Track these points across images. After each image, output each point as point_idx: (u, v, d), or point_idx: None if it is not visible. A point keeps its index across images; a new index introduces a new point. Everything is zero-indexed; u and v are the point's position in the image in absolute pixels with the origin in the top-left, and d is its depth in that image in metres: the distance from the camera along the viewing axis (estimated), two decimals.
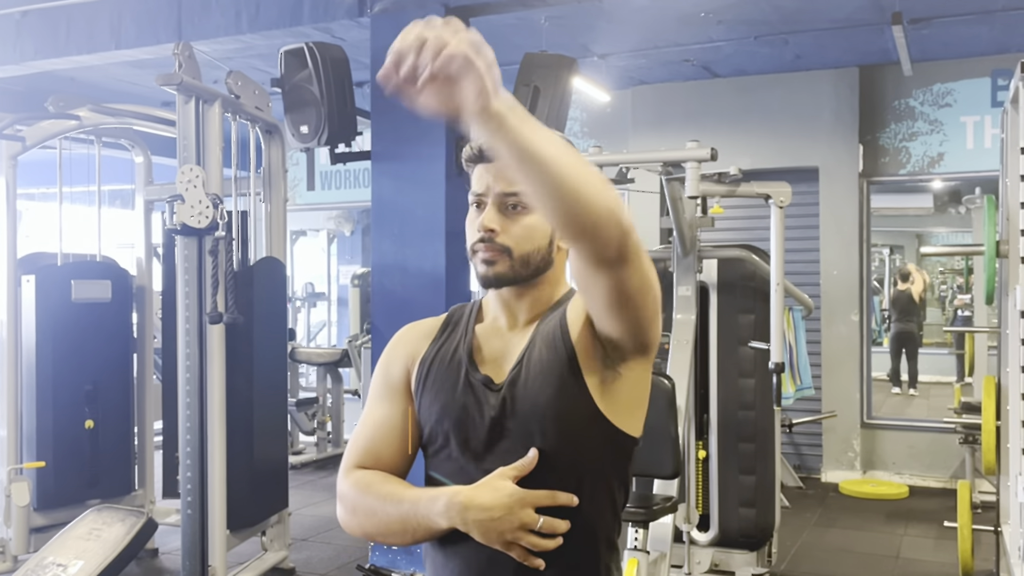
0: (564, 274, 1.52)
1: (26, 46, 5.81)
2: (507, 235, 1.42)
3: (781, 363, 4.33)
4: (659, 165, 4.30)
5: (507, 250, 1.42)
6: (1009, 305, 3.69)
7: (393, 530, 1.40)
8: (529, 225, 1.43)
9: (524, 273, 1.44)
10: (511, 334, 1.49)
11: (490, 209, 1.43)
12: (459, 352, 1.49)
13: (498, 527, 1.32)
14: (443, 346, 1.51)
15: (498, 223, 1.42)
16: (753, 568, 4.56)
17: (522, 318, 1.49)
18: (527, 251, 1.43)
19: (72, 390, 4.96)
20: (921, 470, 6.90)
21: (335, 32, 5.25)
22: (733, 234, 6.08)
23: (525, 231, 1.43)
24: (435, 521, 1.34)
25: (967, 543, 4.50)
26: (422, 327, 1.57)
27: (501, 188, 1.42)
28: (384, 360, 1.56)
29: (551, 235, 1.46)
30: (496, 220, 1.42)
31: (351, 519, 1.45)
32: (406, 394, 1.52)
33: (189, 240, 3.98)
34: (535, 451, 1.36)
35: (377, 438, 1.50)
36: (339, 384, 8.06)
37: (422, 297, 4.66)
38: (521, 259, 1.43)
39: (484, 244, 1.42)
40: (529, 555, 1.33)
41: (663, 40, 6.27)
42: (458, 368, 1.47)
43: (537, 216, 1.42)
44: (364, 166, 7.86)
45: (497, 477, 1.35)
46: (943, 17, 5.71)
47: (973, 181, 7.44)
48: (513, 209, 1.43)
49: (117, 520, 4.40)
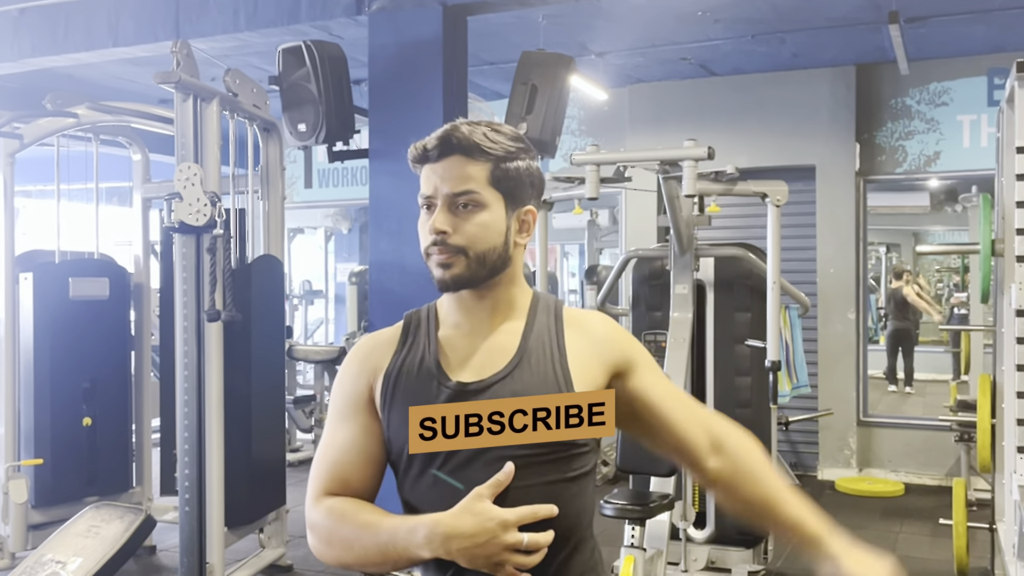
0: (521, 268, 1.49)
1: (24, 43, 5.80)
2: (460, 235, 1.39)
3: (777, 361, 4.35)
4: (656, 163, 4.31)
5: (462, 250, 1.39)
6: (1004, 303, 3.70)
7: (373, 561, 1.35)
8: (482, 223, 1.40)
9: (481, 273, 1.41)
10: (479, 338, 1.45)
11: (440, 210, 1.40)
12: (426, 360, 1.44)
13: (484, 552, 1.28)
14: (407, 357, 1.46)
15: (450, 224, 1.39)
16: (749, 565, 4.57)
17: (486, 322, 1.45)
18: (482, 250, 1.40)
19: (70, 387, 4.96)
20: (917, 468, 6.92)
21: (333, 30, 5.26)
22: (730, 232, 6.09)
23: (478, 229, 1.40)
24: (416, 552, 1.30)
25: (962, 540, 4.52)
26: (381, 338, 1.51)
27: (449, 188, 1.40)
28: (343, 377, 1.49)
29: (506, 231, 1.43)
30: (447, 221, 1.39)
31: (327, 550, 1.39)
32: (370, 411, 1.45)
33: (187, 238, 3.99)
34: (511, 465, 1.33)
35: (344, 462, 1.44)
36: None
37: (419, 295, 4.61)
38: (477, 258, 1.40)
39: (438, 247, 1.39)
40: (518, 574, 1.31)
41: (660, 38, 6.28)
42: (428, 378, 1.42)
43: (490, 212, 1.40)
44: (362, 164, 7.85)
45: (474, 499, 1.30)
46: (939, 16, 5.73)
47: (969, 180, 7.47)
48: (464, 208, 1.40)
49: (115, 517, 4.41)
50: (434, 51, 4.67)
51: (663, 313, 4.78)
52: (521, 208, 1.45)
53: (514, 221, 1.44)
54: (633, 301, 5.02)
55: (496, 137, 1.42)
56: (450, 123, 1.44)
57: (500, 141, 1.42)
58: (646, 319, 4.89)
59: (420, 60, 4.70)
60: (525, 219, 1.46)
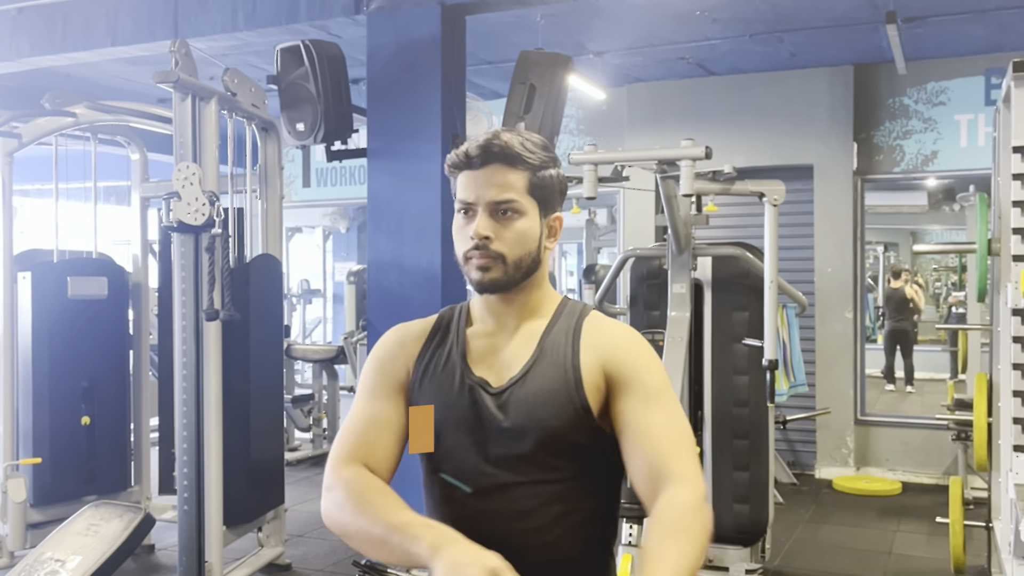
0: (547, 273, 1.55)
1: (22, 42, 5.80)
2: (501, 241, 1.45)
3: (775, 360, 4.36)
4: (654, 163, 4.32)
5: (501, 256, 1.45)
6: (1001, 303, 3.71)
7: (373, 542, 1.36)
8: (521, 230, 1.46)
9: (517, 277, 1.47)
10: (503, 338, 1.51)
11: (483, 216, 1.45)
12: (453, 356, 1.51)
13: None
14: (436, 350, 1.53)
15: (491, 230, 1.44)
16: (747, 564, 4.58)
17: (511, 322, 1.51)
18: (520, 255, 1.46)
19: (68, 387, 4.96)
20: (914, 466, 6.94)
21: (331, 29, 5.26)
22: (728, 231, 6.10)
23: (518, 236, 1.46)
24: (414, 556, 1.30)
25: (959, 539, 4.53)
26: (414, 328, 1.58)
27: (492, 196, 1.44)
28: (379, 356, 1.56)
29: (539, 237, 1.49)
30: (490, 227, 1.44)
31: (336, 514, 1.42)
32: (401, 393, 1.52)
33: (185, 237, 3.99)
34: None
35: (372, 432, 1.49)
36: (335, 381, 8.07)
37: (418, 294, 4.67)
38: (515, 264, 1.46)
39: (479, 251, 1.44)
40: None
41: (659, 38, 6.29)
42: (453, 371, 1.49)
43: (528, 220, 1.46)
44: (360, 163, 7.86)
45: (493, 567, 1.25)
46: (937, 16, 5.74)
47: (967, 179, 7.47)
48: (504, 215, 1.45)
49: (114, 516, 4.41)
50: (432, 50, 4.67)
51: (661, 312, 4.79)
52: (551, 215, 1.52)
53: (545, 227, 1.50)
54: (631, 300, 5.02)
55: (532, 147, 1.48)
56: (491, 131, 1.49)
57: (536, 151, 1.48)
58: (644, 318, 4.89)
59: (418, 59, 4.70)
60: (553, 225, 1.53)
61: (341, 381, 8.23)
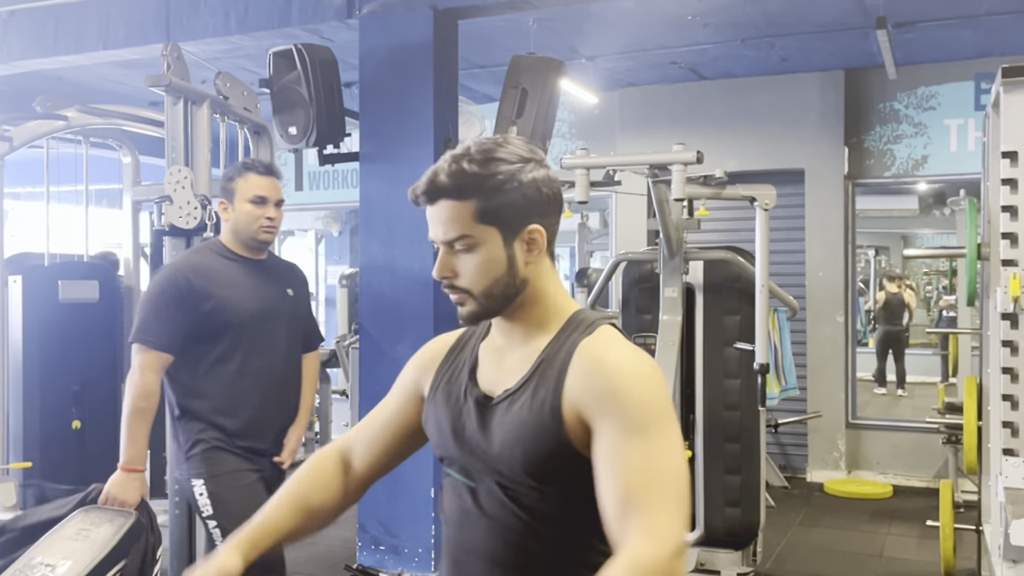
0: (549, 282, 1.48)
1: (13, 46, 5.79)
2: (462, 277, 1.43)
3: (766, 364, 4.37)
4: (646, 167, 4.33)
5: (468, 292, 1.43)
6: (990, 307, 3.73)
7: None
8: (479, 262, 1.41)
9: (493, 306, 1.44)
10: (508, 352, 1.49)
11: (442, 255, 1.44)
12: (464, 368, 1.53)
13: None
14: (454, 361, 1.56)
15: (450, 269, 1.43)
16: (738, 567, 4.59)
17: (517, 337, 1.49)
18: (486, 285, 1.42)
19: (59, 390, 4.95)
20: (905, 470, 6.96)
21: (324, 33, 5.26)
22: (719, 235, 6.11)
23: (476, 269, 1.41)
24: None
25: (949, 542, 4.55)
26: (443, 340, 1.62)
27: (441, 235, 1.42)
28: (411, 361, 1.65)
29: (506, 261, 1.42)
30: (447, 266, 1.43)
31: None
32: (408, 400, 1.61)
33: (177, 241, 3.98)
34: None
35: (369, 424, 1.65)
36: (327, 384, 8.04)
37: (410, 298, 4.67)
38: (484, 295, 1.43)
39: (448, 289, 1.45)
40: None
41: (650, 43, 6.31)
42: (460, 383, 1.51)
43: (485, 249, 1.40)
44: (352, 167, 7.86)
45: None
46: (927, 21, 5.77)
47: (957, 183, 7.51)
48: (460, 251, 1.42)
49: (105, 520, 4.37)
50: (425, 54, 4.68)
51: (653, 316, 4.80)
52: (524, 229, 1.42)
53: (517, 246, 1.43)
54: (623, 304, 5.04)
55: (487, 167, 1.39)
56: (438, 162, 1.43)
57: (486, 171, 1.39)
58: (636, 322, 4.90)
59: (411, 63, 4.71)
60: (532, 238, 1.43)
61: (333, 385, 8.21)
